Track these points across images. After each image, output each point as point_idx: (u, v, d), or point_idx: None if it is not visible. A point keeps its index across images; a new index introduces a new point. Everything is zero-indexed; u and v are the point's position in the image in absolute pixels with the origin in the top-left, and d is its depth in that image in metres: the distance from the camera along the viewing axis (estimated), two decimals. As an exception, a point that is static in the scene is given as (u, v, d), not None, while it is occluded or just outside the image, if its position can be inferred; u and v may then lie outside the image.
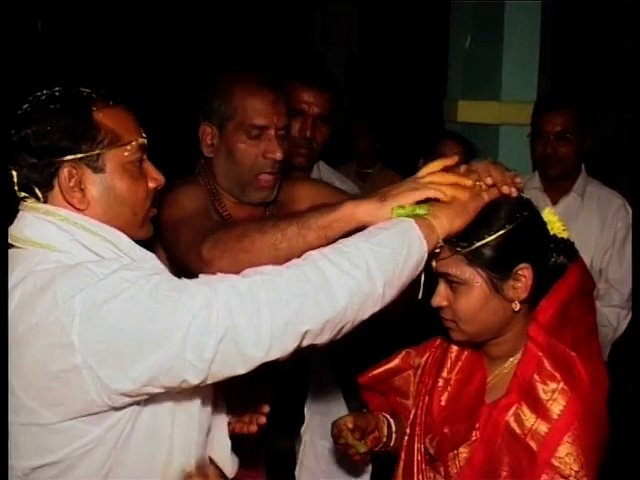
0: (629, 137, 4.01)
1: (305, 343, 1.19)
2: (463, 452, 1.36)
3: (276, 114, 1.68)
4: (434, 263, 1.33)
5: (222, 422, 1.45)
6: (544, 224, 1.39)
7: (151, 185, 1.33)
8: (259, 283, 1.16)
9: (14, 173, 1.25)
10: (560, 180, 2.71)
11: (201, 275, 1.23)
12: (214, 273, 1.23)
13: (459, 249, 1.32)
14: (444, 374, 1.46)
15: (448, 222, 1.28)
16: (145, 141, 1.32)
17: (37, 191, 1.25)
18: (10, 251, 1.26)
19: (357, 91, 6.58)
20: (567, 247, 1.39)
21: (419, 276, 1.30)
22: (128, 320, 1.12)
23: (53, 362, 1.14)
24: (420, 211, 1.28)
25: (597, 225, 2.68)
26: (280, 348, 1.17)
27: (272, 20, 6.37)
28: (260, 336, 1.14)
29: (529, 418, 1.30)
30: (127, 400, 1.18)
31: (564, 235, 1.39)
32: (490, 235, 1.31)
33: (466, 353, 1.46)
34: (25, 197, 1.27)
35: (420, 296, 1.35)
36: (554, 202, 2.72)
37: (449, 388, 1.44)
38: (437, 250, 1.31)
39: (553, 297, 1.35)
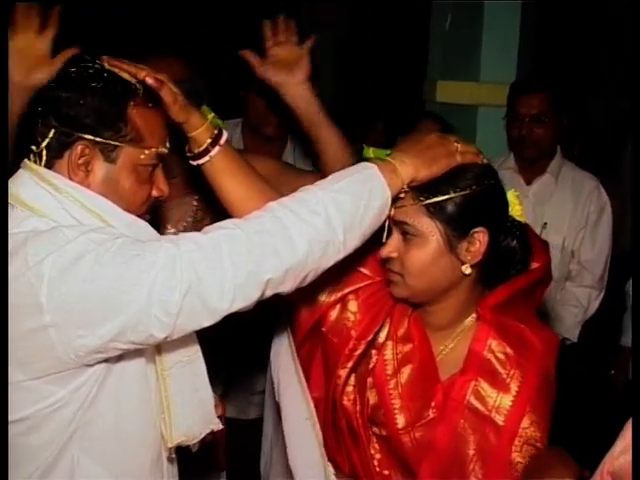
0: (621, 123, 4.03)
1: (269, 292, 1.23)
2: (419, 431, 1.38)
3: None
4: (392, 211, 1.33)
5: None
6: (506, 199, 1.42)
7: (154, 193, 1.35)
8: (220, 237, 1.20)
9: (39, 126, 1.27)
10: (535, 161, 2.77)
11: (165, 236, 1.28)
12: None
13: (422, 199, 1.33)
14: (388, 349, 1.45)
15: (414, 169, 1.29)
16: (165, 152, 1.34)
17: (44, 153, 1.27)
18: None
19: (346, 74, 6.61)
20: (521, 233, 1.41)
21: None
22: (94, 280, 1.16)
23: (22, 322, 1.18)
24: (388, 155, 1.30)
25: (570, 206, 2.74)
26: (243, 298, 1.20)
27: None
28: (223, 287, 1.18)
29: (490, 394, 1.34)
30: (95, 357, 1.22)
31: (521, 220, 1.41)
32: (455, 192, 1.32)
33: (408, 322, 1.45)
34: (31, 152, 1.29)
35: (384, 240, 1.36)
36: (528, 183, 2.78)
37: (395, 363, 1.43)
38: (401, 195, 1.32)
39: (510, 286, 1.38)
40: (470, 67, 3.12)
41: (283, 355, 1.58)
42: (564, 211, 2.74)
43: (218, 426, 1.40)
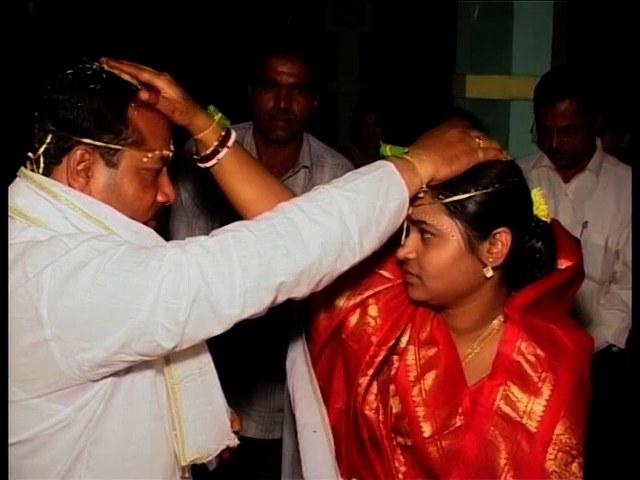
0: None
1: (282, 297, 1.20)
2: (446, 440, 1.33)
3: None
4: (410, 210, 1.29)
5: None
6: (531, 198, 1.37)
7: (160, 199, 1.32)
8: (228, 240, 1.17)
9: (35, 132, 1.25)
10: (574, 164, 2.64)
11: (171, 241, 1.24)
12: None
13: (441, 197, 1.29)
14: (409, 355, 1.40)
15: (433, 167, 1.26)
16: (170, 155, 1.31)
17: (42, 159, 1.25)
18: None
19: (371, 71, 6.54)
20: (546, 234, 1.37)
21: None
22: (97, 289, 1.13)
23: (22, 337, 1.15)
24: (407, 153, 1.26)
25: (613, 203, 2.61)
26: (255, 304, 1.17)
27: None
28: (233, 293, 1.14)
29: (522, 399, 1.30)
30: (101, 371, 1.18)
31: (547, 219, 1.38)
32: (477, 190, 1.28)
33: (431, 325, 1.41)
34: (27, 159, 1.26)
35: (403, 242, 1.32)
36: (566, 180, 2.66)
37: (417, 369, 1.39)
38: (420, 195, 1.28)
39: (539, 285, 1.35)
40: (501, 60, 3.01)
41: (298, 364, 1.54)
42: (606, 209, 2.61)
43: (234, 442, 1.36)
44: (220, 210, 1.44)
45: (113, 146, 1.24)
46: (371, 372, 1.41)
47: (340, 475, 1.45)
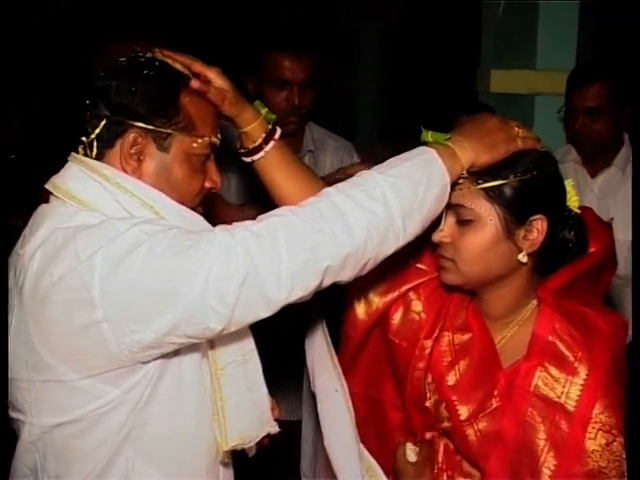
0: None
1: (328, 281, 1.25)
2: (483, 422, 1.38)
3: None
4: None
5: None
6: (565, 188, 1.44)
7: (207, 185, 1.38)
8: (275, 224, 1.22)
9: (88, 118, 1.31)
10: (598, 154, 2.70)
11: (219, 225, 1.29)
12: None
13: (480, 182, 1.35)
14: (445, 341, 1.46)
15: (474, 154, 1.32)
16: (217, 142, 1.37)
17: (95, 143, 1.31)
18: (43, 206, 1.33)
19: (395, 66, 6.55)
20: (578, 225, 1.43)
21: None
22: (147, 273, 1.18)
23: (73, 317, 1.20)
24: (448, 140, 1.31)
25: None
26: (302, 287, 1.22)
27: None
28: (281, 276, 1.19)
29: (559, 379, 1.34)
30: (150, 353, 1.23)
31: (577, 211, 1.44)
32: (515, 176, 1.35)
33: (466, 313, 1.47)
34: (80, 143, 1.32)
35: (442, 227, 1.38)
36: (593, 175, 2.72)
37: (452, 354, 1.45)
38: (460, 181, 1.34)
39: (571, 268, 1.40)
40: (526, 54, 3.06)
41: (317, 342, 1.59)
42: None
43: (274, 429, 1.41)
44: (263, 200, 1.50)
45: (165, 130, 1.30)
46: (422, 365, 1.47)
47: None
